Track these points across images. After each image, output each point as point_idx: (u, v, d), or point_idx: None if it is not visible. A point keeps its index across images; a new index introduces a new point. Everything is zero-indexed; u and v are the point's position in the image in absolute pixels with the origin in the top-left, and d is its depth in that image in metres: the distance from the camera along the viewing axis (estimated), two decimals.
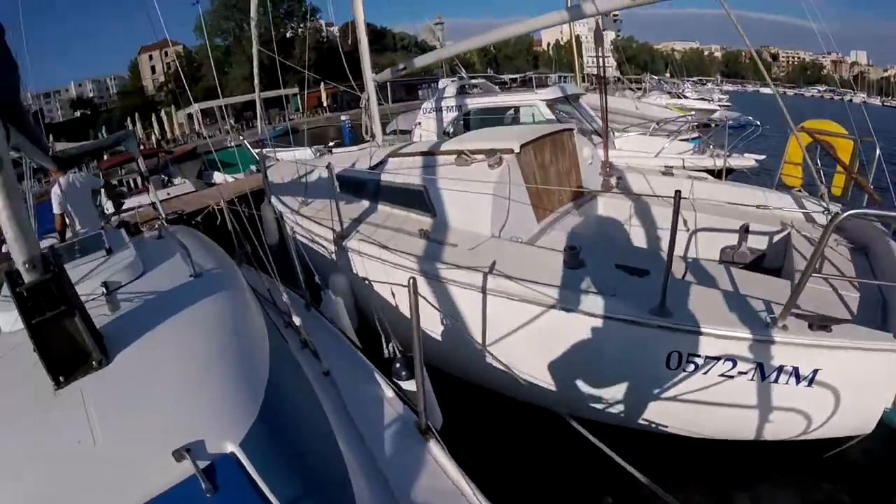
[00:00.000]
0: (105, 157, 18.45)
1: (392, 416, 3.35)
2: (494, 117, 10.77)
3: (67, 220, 6.80)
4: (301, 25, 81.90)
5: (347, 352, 4.24)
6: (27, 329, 2.56)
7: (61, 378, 2.63)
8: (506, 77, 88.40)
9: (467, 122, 11.41)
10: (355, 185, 7.01)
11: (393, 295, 5.42)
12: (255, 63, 11.68)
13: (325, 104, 54.83)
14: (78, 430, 2.41)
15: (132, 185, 18.62)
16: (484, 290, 4.47)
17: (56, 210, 6.67)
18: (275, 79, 12.44)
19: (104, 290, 3.40)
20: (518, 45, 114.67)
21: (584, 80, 19.80)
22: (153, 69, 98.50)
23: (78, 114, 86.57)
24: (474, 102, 11.34)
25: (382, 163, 6.79)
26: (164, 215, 6.81)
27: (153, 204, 7.45)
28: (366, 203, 6.84)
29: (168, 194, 16.96)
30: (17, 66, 2.98)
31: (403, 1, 8.49)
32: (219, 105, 56.82)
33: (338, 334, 4.52)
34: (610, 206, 6.47)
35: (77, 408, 2.52)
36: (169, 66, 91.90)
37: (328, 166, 6.21)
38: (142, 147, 60.55)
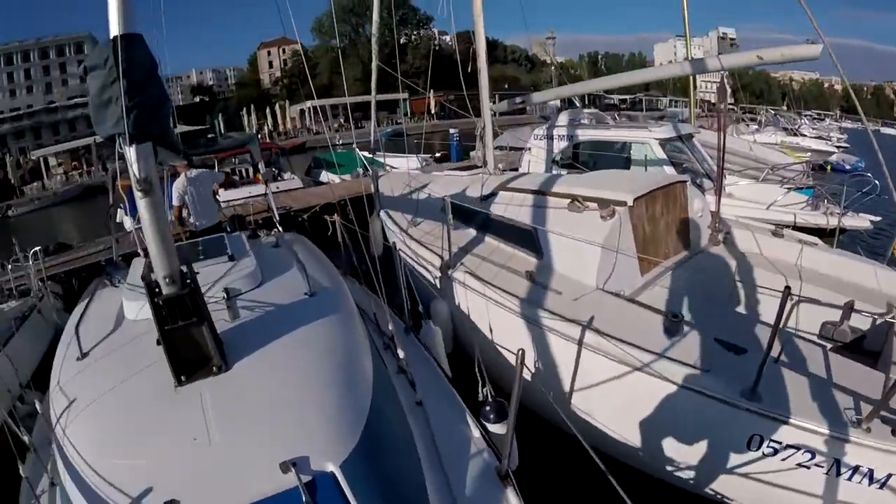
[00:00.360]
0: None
1: (475, 456, 3.39)
2: (605, 152, 10.63)
3: (185, 212, 7.57)
4: (415, 33, 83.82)
5: (441, 385, 4.30)
6: (160, 333, 2.90)
7: (183, 378, 2.96)
8: (615, 98, 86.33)
9: (576, 153, 11.34)
10: (465, 214, 7.12)
11: (491, 330, 5.50)
12: (374, 77, 12.03)
13: (433, 111, 55.92)
14: (194, 428, 2.73)
15: (243, 174, 19.71)
16: (580, 343, 4.54)
17: (175, 203, 7.39)
18: (386, 83, 12.75)
19: (226, 296, 3.74)
20: (631, 66, 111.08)
21: (696, 106, 19.28)
22: (270, 64, 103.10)
23: (197, 99, 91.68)
24: (585, 134, 11.13)
25: (493, 195, 6.90)
26: (277, 217, 7.33)
27: (267, 203, 8.01)
28: (473, 232, 6.97)
29: (277, 188, 17.77)
30: (168, 98, 3.30)
31: (516, 12, 8.40)
32: (331, 104, 58.99)
33: (433, 365, 4.63)
34: (716, 264, 6.38)
35: (195, 407, 2.82)
36: (286, 63, 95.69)
37: (444, 199, 6.32)
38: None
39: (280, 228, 7.00)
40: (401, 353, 4.04)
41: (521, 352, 2.89)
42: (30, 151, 64.27)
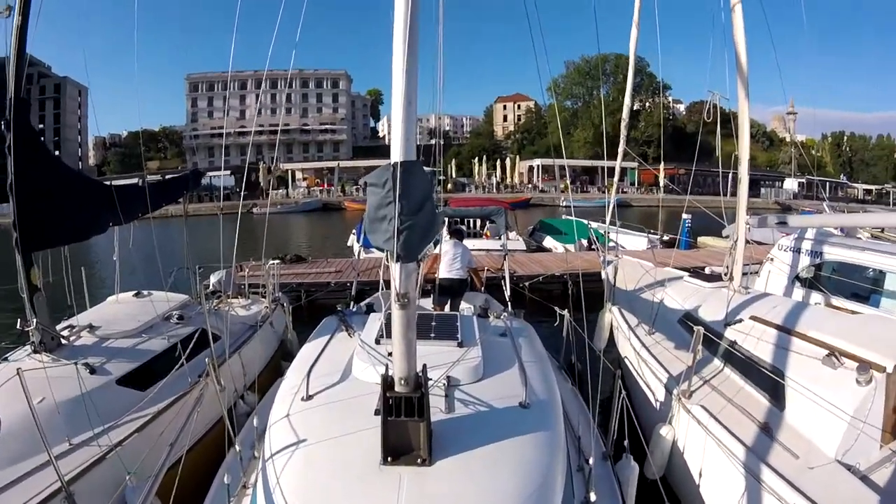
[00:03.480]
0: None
1: None
2: (854, 280, 9.44)
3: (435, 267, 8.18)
4: (650, 99, 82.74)
5: None
6: (383, 422, 3.01)
7: (389, 458, 3.02)
8: (859, 188, 77.60)
9: (819, 273, 10.25)
10: (706, 337, 6.39)
11: (704, 476, 5.05)
12: (619, 159, 11.83)
13: (660, 183, 54.38)
14: None
15: (471, 224, 20.33)
16: None
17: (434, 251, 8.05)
18: (614, 149, 12.53)
19: (446, 383, 3.79)
20: (878, 150, 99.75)
21: None
22: (505, 118, 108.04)
23: (433, 141, 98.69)
24: (835, 253, 10.02)
25: (740, 321, 6.30)
26: (509, 293, 7.30)
27: (502, 276, 8.04)
28: (711, 358, 6.39)
29: (502, 246, 18.15)
30: (438, 219, 3.57)
31: (753, 84, 7.44)
32: (560, 164, 59.74)
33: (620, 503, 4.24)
34: None
35: (392, 489, 2.90)
36: (519, 118, 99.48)
37: (696, 330, 5.68)
38: (483, 188, 65.95)
39: (510, 304, 6.97)
40: (592, 497, 3.69)
41: None
42: (280, 162, 72.79)
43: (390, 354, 3.51)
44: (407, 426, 3.05)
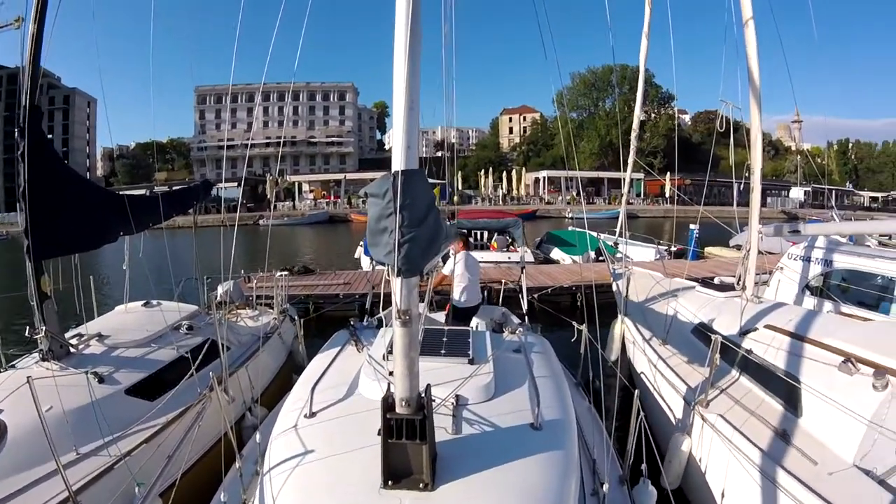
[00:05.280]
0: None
1: None
2: (864, 287, 9.40)
3: (451, 282, 7.89)
4: (655, 112, 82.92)
5: None
6: (383, 444, 2.89)
7: (390, 482, 2.91)
8: (865, 196, 77.30)
9: (828, 282, 10.21)
10: (722, 346, 6.62)
11: (727, 486, 5.01)
12: (628, 175, 11.79)
13: (667, 194, 54.36)
14: None
15: (478, 236, 20.15)
16: None
17: (445, 272, 7.83)
18: (619, 160, 12.59)
19: (454, 403, 3.63)
20: (884, 157, 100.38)
21: None
22: (510, 130, 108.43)
23: (439, 154, 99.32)
24: (844, 261, 9.97)
25: (754, 330, 6.31)
26: (525, 306, 7.19)
27: (518, 287, 7.89)
28: (727, 368, 6.32)
29: (508, 258, 18.15)
30: (443, 229, 3.35)
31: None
32: (566, 176, 59.75)
33: None
34: None
35: None
36: (525, 130, 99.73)
37: (714, 339, 5.65)
38: (489, 200, 66.01)
39: (526, 318, 6.76)
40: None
41: None
42: (287, 174, 73.09)
43: (392, 373, 3.37)
44: (408, 449, 2.94)
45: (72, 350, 5.60)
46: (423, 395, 3.07)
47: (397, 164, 2.90)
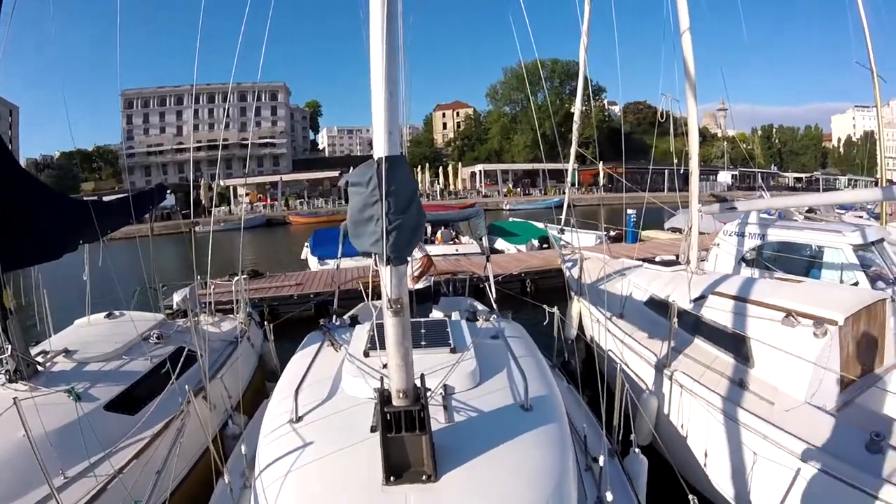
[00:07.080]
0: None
1: None
2: (795, 255, 10.19)
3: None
4: (585, 104, 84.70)
5: None
6: (382, 439, 2.85)
7: (392, 478, 2.85)
8: (790, 177, 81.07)
9: (762, 253, 10.97)
10: (678, 315, 6.91)
11: (699, 433, 5.53)
12: (571, 165, 12.08)
13: (600, 183, 55.93)
14: None
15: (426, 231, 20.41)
16: (796, 457, 4.58)
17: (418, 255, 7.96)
18: (555, 151, 12.89)
19: (444, 393, 3.65)
20: (806, 140, 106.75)
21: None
22: (444, 125, 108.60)
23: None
24: (776, 234, 10.72)
25: (704, 297, 6.86)
26: (494, 295, 7.26)
27: (485, 276, 7.98)
28: (680, 330, 6.80)
29: (457, 250, 18.54)
30: (424, 217, 3.29)
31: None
32: (501, 169, 60.42)
33: (631, 496, 4.22)
34: None
35: None
36: (459, 126, 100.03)
37: (671, 303, 6.42)
38: (426, 195, 65.91)
39: (496, 307, 6.79)
40: (609, 497, 3.70)
41: None
42: (220, 179, 71.03)
43: (385, 366, 3.30)
44: (407, 442, 2.90)
45: (39, 368, 5.31)
46: (418, 385, 3.06)
47: (380, 150, 2.81)
